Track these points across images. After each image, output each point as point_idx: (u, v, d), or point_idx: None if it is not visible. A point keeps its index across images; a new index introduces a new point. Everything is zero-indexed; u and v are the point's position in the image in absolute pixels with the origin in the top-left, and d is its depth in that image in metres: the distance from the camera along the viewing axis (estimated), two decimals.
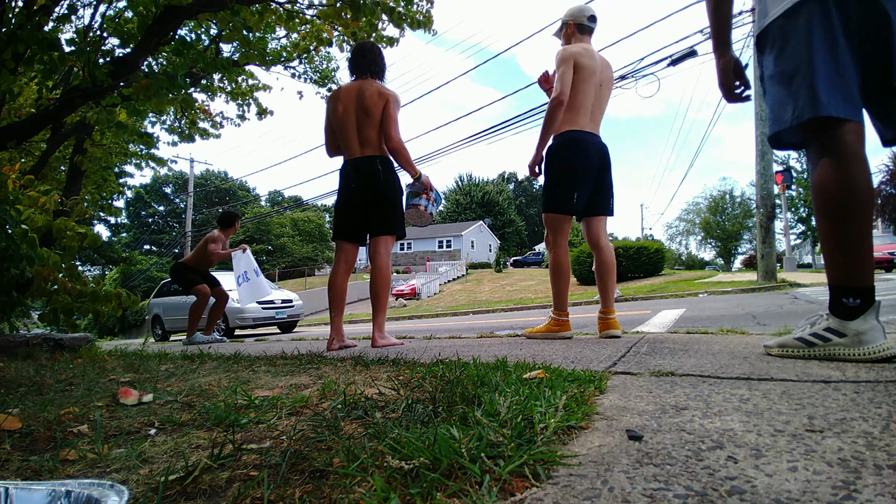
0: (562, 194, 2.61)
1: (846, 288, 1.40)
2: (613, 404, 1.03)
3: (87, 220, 4.50)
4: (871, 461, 0.65)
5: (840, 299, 1.41)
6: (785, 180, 15.92)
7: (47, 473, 0.78)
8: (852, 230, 1.37)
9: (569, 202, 2.60)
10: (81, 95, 2.66)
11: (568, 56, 2.58)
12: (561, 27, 2.81)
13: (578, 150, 2.60)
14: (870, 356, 1.35)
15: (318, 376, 1.63)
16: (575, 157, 2.59)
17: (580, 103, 2.60)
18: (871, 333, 1.36)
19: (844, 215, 1.38)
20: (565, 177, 2.61)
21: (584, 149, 2.60)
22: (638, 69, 9.68)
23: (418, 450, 0.70)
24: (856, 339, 1.37)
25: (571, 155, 2.60)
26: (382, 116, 2.81)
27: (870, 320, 1.37)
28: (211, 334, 5.46)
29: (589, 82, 2.60)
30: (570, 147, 2.61)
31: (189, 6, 2.79)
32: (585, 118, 2.63)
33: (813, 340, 1.46)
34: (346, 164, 2.90)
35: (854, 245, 1.38)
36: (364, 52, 2.93)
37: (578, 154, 2.59)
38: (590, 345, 2.23)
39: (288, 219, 49.00)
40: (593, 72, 2.61)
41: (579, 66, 2.58)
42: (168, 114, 5.30)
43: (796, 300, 6.05)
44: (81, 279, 2.88)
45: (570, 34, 2.75)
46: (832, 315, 1.44)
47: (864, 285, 1.38)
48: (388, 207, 2.85)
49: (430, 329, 6.50)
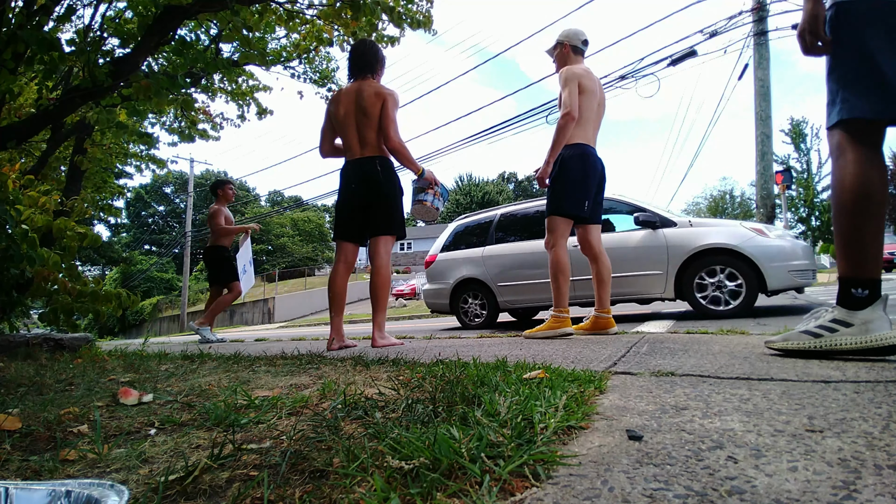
0: (577, 200, 2.83)
1: (855, 279, 1.44)
2: (613, 404, 1.03)
3: (87, 220, 4.50)
4: (871, 461, 0.65)
5: (849, 290, 1.45)
6: (785, 180, 15.91)
7: (47, 473, 0.78)
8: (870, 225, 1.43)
9: (580, 207, 2.83)
10: (81, 95, 2.66)
11: (573, 76, 2.79)
12: (555, 46, 3.01)
13: (589, 163, 2.85)
14: (876, 344, 1.37)
15: (318, 376, 1.63)
16: (588, 168, 2.83)
17: (586, 120, 2.84)
18: (877, 322, 1.39)
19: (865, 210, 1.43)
20: (580, 184, 2.82)
21: (592, 162, 2.86)
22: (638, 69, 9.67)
23: (418, 450, 0.70)
24: (863, 328, 1.40)
25: (585, 166, 2.83)
26: (381, 116, 2.82)
27: (877, 311, 1.40)
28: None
29: (592, 101, 2.85)
30: (583, 158, 2.83)
31: (189, 6, 2.79)
32: (590, 133, 2.88)
33: (819, 332, 1.48)
34: (347, 165, 2.91)
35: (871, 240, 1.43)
36: (362, 52, 2.94)
37: (590, 166, 2.84)
38: (590, 345, 2.23)
39: (288, 219, 49.00)
40: (594, 92, 2.85)
41: (582, 87, 2.79)
42: (168, 114, 5.30)
43: (796, 300, 6.05)
44: (81, 279, 2.88)
45: (566, 55, 2.96)
46: (839, 307, 1.46)
47: (873, 277, 1.42)
48: (388, 208, 2.85)
49: (430, 329, 6.50)
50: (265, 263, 44.70)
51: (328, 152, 3.02)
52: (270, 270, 34.64)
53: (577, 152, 2.82)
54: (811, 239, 28.86)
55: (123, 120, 3.22)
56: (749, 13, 9.70)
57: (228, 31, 3.14)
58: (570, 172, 2.82)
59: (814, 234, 28.43)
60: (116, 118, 2.94)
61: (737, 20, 9.66)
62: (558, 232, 2.84)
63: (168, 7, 2.78)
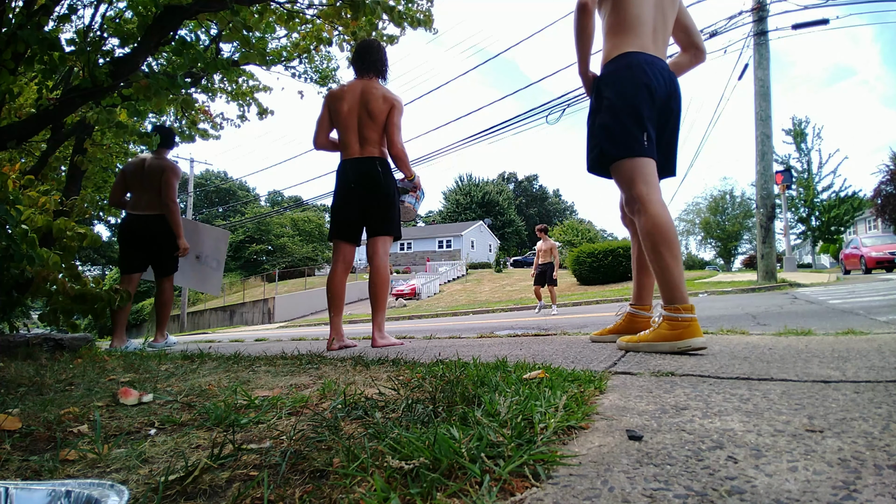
0: (625, 132, 1.85)
1: None
2: (613, 404, 1.03)
3: (87, 220, 4.50)
4: (871, 461, 0.65)
5: None
6: (785, 180, 15.93)
7: (47, 473, 0.78)
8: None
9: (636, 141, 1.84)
10: (81, 95, 2.65)
11: None
12: None
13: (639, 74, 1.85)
14: None
15: (318, 376, 1.63)
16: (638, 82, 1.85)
17: (636, 18, 1.90)
18: None
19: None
20: (626, 109, 1.86)
21: (645, 74, 1.85)
22: None
23: (418, 450, 0.70)
24: None
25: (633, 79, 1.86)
26: (386, 122, 2.84)
27: None
28: None
29: None
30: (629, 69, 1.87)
31: (189, 6, 2.79)
32: (645, 38, 1.91)
33: None
34: (345, 164, 2.90)
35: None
36: (370, 50, 2.93)
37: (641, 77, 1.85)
38: (590, 345, 2.23)
39: (288, 219, 49.02)
40: None
41: None
42: (168, 114, 5.29)
43: (796, 300, 6.05)
44: (82, 279, 2.87)
45: None
46: None
47: None
48: (387, 208, 2.85)
49: (430, 329, 6.50)
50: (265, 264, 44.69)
51: (323, 144, 3.01)
52: (270, 270, 34.63)
53: (621, 64, 1.89)
54: (811, 239, 28.88)
55: (123, 120, 3.21)
56: (749, 13, 9.70)
57: (228, 31, 3.14)
58: (610, 95, 1.90)
59: (814, 234, 28.43)
60: (116, 118, 2.94)
61: (737, 20, 9.67)
62: (634, 180, 1.84)
63: (168, 7, 2.77)
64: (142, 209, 3.86)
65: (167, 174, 3.82)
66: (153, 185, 3.83)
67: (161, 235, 3.89)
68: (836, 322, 3.42)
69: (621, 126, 1.86)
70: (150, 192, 3.84)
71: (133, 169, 3.90)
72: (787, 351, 1.63)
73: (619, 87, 1.88)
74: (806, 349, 1.65)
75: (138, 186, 3.88)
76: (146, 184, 3.84)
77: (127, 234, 3.91)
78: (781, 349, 1.68)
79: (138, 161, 3.93)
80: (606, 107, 1.91)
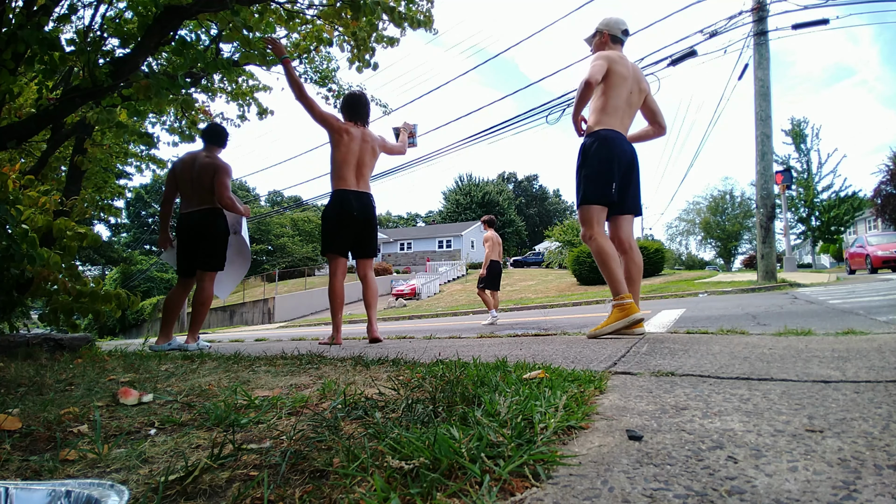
0: (600, 185, 2.68)
1: None
2: (613, 404, 1.03)
3: (87, 220, 4.50)
4: (871, 461, 0.65)
5: None
6: (785, 180, 15.93)
7: (47, 473, 0.78)
8: None
9: (605, 192, 2.68)
10: (81, 95, 2.65)
11: (604, 56, 2.74)
12: (594, 34, 2.93)
13: (611, 146, 2.70)
14: None
15: (318, 376, 1.63)
16: (610, 152, 2.69)
17: (615, 108, 2.75)
18: None
19: None
20: (601, 170, 2.68)
21: (615, 145, 2.71)
22: None
23: (418, 450, 0.70)
24: None
25: (607, 150, 2.69)
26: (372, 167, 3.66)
27: None
28: None
29: (622, 87, 2.74)
30: (604, 142, 2.70)
31: (189, 6, 2.79)
32: (616, 120, 2.76)
33: None
34: (346, 193, 3.46)
35: None
36: (364, 103, 3.67)
37: (612, 149, 2.70)
38: (590, 345, 2.23)
39: (288, 219, 49.01)
40: (625, 78, 2.75)
41: (612, 71, 2.71)
42: (168, 114, 5.29)
43: (796, 300, 6.05)
44: (82, 279, 2.88)
45: (603, 42, 2.88)
46: None
47: None
48: (375, 235, 3.65)
49: (430, 329, 6.50)
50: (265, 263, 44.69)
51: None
52: (270, 270, 34.63)
53: (599, 137, 2.72)
54: (811, 239, 28.88)
55: (123, 120, 3.21)
56: (749, 13, 9.70)
57: (228, 31, 3.14)
58: (590, 158, 2.71)
59: (814, 234, 28.43)
60: (116, 118, 2.94)
61: (737, 20, 9.66)
62: (591, 221, 2.71)
63: (168, 7, 2.77)
64: (194, 206, 3.76)
65: (220, 175, 3.72)
66: (204, 183, 3.73)
67: (207, 227, 3.77)
68: (836, 322, 3.42)
69: (598, 180, 2.70)
70: (200, 191, 3.74)
71: (183, 167, 3.78)
72: (787, 351, 1.63)
73: (599, 155, 2.70)
74: (806, 349, 1.65)
75: (188, 184, 3.77)
76: (196, 182, 3.74)
77: (183, 235, 3.79)
78: (781, 349, 1.68)
79: (188, 158, 3.81)
80: (590, 164, 2.73)
